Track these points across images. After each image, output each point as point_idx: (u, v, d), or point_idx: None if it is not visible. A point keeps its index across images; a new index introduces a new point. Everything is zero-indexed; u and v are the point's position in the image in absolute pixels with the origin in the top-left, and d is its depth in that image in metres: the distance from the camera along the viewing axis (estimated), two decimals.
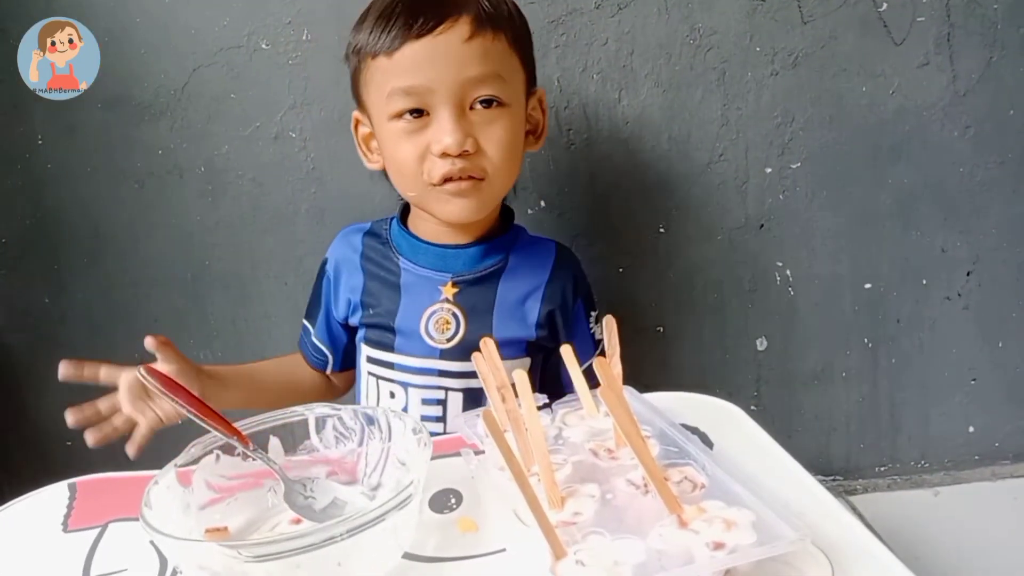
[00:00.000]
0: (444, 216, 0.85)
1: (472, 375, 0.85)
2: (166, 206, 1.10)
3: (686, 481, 0.57)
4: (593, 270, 1.15)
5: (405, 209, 0.94)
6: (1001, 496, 1.23)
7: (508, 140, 0.82)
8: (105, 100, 1.06)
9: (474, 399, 0.87)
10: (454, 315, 0.87)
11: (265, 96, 1.06)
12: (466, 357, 0.84)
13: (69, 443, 1.19)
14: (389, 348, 0.89)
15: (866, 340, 1.22)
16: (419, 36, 0.77)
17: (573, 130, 1.10)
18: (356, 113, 0.88)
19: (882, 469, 1.28)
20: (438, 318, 0.87)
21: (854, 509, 1.21)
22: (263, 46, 1.05)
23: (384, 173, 0.89)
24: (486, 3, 0.80)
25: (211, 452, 0.60)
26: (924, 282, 1.20)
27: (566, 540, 0.50)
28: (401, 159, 0.82)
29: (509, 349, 0.87)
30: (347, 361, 0.97)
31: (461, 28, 0.78)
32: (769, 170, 1.13)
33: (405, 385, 0.88)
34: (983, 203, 1.17)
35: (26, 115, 1.05)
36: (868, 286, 1.19)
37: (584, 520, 0.53)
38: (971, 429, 1.27)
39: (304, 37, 1.04)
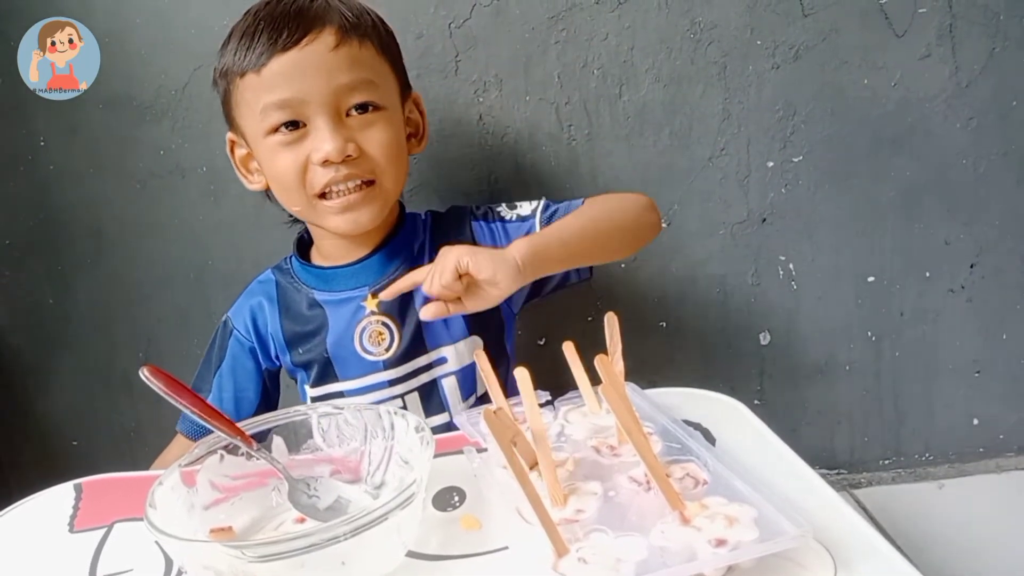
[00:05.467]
0: (337, 229, 0.84)
1: (421, 371, 0.88)
2: (168, 206, 1.11)
3: (688, 478, 0.57)
4: (596, 267, 1.15)
5: (300, 244, 0.94)
6: (1006, 489, 1.22)
7: (390, 141, 0.82)
8: (106, 101, 1.06)
9: (430, 394, 0.89)
10: (385, 324, 0.87)
11: None
12: (409, 358, 0.87)
13: (75, 443, 1.20)
14: (333, 378, 0.89)
15: (869, 333, 1.21)
16: (285, 49, 0.78)
17: (574, 126, 1.09)
18: (230, 135, 0.88)
19: (886, 462, 1.28)
20: (371, 332, 0.87)
21: (858, 503, 1.21)
22: None
23: (266, 194, 0.90)
24: (348, 13, 0.81)
25: (215, 452, 0.60)
26: (927, 275, 1.20)
27: (568, 538, 0.50)
28: (281, 172, 0.82)
29: (445, 332, 0.88)
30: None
31: (326, 38, 0.79)
32: (771, 164, 1.13)
33: None
34: (986, 195, 1.16)
35: (28, 116, 1.06)
36: (871, 279, 1.19)
37: (586, 517, 0.53)
38: (975, 422, 1.27)
39: None
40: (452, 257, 0.74)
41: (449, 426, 0.89)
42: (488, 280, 0.74)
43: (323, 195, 0.82)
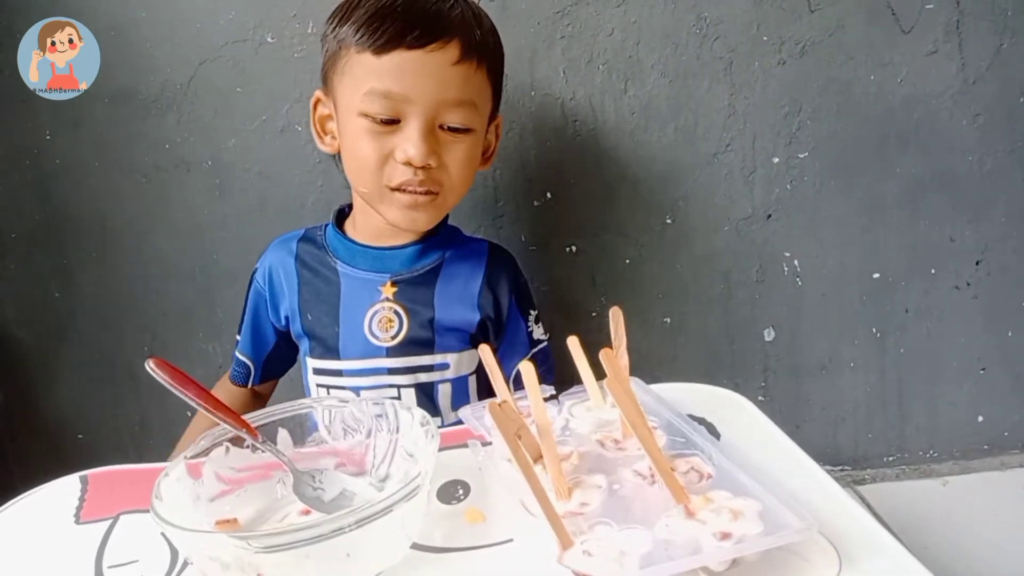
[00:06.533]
0: (393, 221, 0.87)
1: (421, 369, 0.89)
2: (174, 200, 1.11)
3: (693, 471, 0.57)
4: (600, 262, 1.15)
5: (339, 216, 0.96)
6: (1010, 486, 1.22)
7: (466, 163, 0.85)
8: (111, 95, 1.06)
9: (426, 394, 0.90)
10: (396, 313, 0.89)
11: (271, 89, 1.06)
12: (412, 352, 0.89)
13: (80, 436, 1.21)
14: (335, 354, 0.90)
15: (874, 330, 1.21)
16: (411, 47, 0.78)
17: (579, 121, 1.09)
18: (319, 93, 0.89)
19: (890, 459, 1.28)
20: (381, 317, 0.89)
21: (862, 499, 1.21)
22: (268, 39, 1.05)
23: (334, 158, 0.91)
24: (477, 32, 0.82)
25: (221, 444, 0.60)
26: (933, 271, 1.19)
27: (573, 530, 0.50)
28: (363, 157, 0.83)
29: (453, 339, 0.90)
30: (268, 373, 0.99)
31: (451, 51, 0.80)
32: (776, 160, 1.13)
33: (356, 389, 0.90)
34: (992, 192, 1.16)
35: (33, 111, 1.06)
36: (876, 276, 1.19)
37: (591, 510, 0.53)
38: (980, 419, 1.26)
39: (309, 30, 1.04)
40: None
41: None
42: None
43: (395, 188, 0.84)
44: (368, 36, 0.79)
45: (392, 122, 0.81)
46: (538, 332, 0.97)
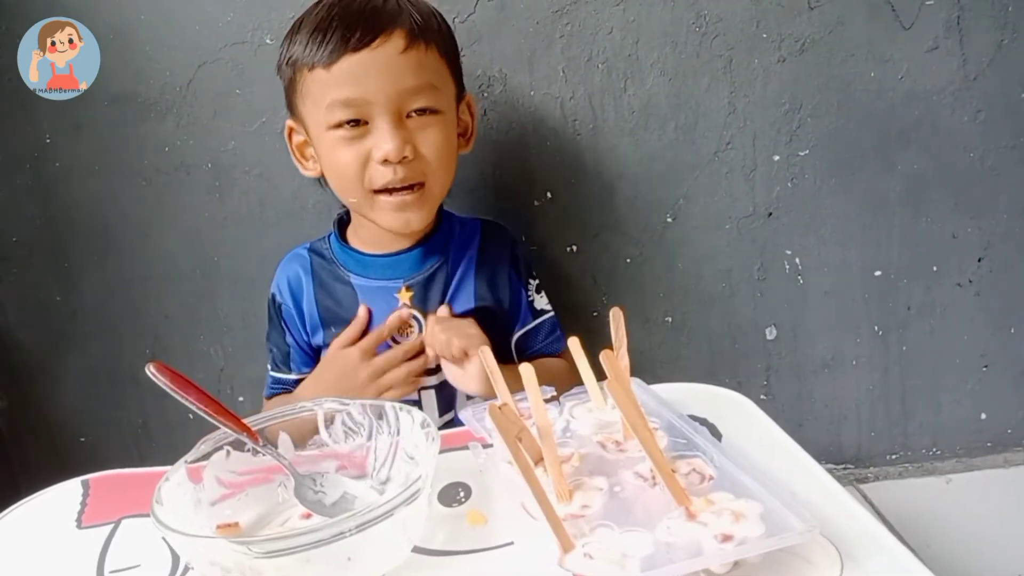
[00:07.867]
0: (386, 226, 0.88)
1: (439, 369, 0.90)
2: (174, 203, 1.11)
3: (694, 473, 0.57)
4: (600, 261, 1.15)
5: (340, 224, 0.97)
6: (1013, 483, 1.22)
7: (443, 144, 0.86)
8: (111, 98, 1.06)
9: (444, 392, 0.91)
10: (414, 318, 0.91)
11: (270, 91, 1.06)
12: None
13: (83, 438, 1.21)
14: None
15: (876, 328, 1.21)
16: (356, 49, 0.80)
17: (579, 120, 1.09)
18: (290, 122, 0.91)
19: (893, 457, 1.27)
20: (400, 323, 0.90)
21: (865, 498, 1.21)
22: (267, 41, 1.05)
23: (320, 181, 0.92)
24: (417, 17, 0.83)
25: (221, 448, 0.60)
26: (935, 268, 1.19)
27: (574, 533, 0.50)
28: (342, 165, 0.85)
29: None
30: None
31: (396, 41, 0.81)
32: (777, 158, 1.12)
33: None
34: (994, 188, 1.16)
35: (33, 114, 1.06)
36: (878, 273, 1.19)
37: (592, 513, 0.53)
38: (983, 416, 1.26)
39: None
40: (466, 344, 0.84)
41: (457, 423, 0.91)
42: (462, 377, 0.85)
43: (380, 190, 0.85)
44: (314, 51, 0.81)
45: (361, 124, 0.82)
46: (540, 302, 0.98)
